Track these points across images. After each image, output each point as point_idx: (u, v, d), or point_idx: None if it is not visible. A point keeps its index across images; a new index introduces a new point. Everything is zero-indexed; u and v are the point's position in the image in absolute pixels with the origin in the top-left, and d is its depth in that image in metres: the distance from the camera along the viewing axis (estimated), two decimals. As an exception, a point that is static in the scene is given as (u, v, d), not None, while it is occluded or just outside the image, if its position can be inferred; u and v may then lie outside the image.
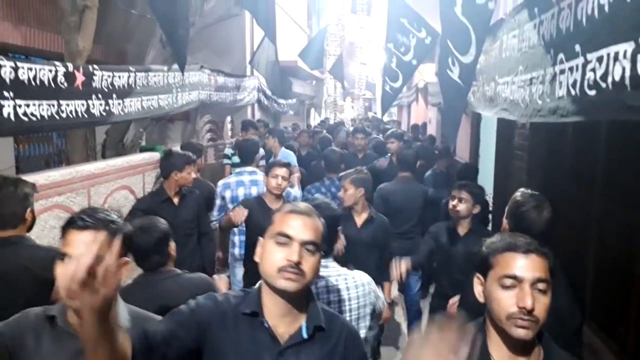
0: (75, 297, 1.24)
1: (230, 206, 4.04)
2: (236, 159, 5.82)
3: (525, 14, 2.37)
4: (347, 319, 2.01)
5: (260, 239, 1.46)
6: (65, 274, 1.38)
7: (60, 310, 1.53)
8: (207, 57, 7.37)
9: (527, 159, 4.29)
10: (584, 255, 3.32)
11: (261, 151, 5.09)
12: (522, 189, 2.35)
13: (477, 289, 1.44)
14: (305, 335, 1.39)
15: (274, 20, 6.56)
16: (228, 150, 6.21)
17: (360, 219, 3.43)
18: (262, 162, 5.24)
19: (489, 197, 5.23)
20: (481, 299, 1.42)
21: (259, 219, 3.34)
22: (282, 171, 3.48)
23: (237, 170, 4.33)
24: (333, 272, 2.17)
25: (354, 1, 24.70)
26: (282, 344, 1.37)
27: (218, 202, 4.11)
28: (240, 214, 3.33)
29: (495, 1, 2.68)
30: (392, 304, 4.04)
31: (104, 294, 1.09)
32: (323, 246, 1.46)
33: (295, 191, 4.27)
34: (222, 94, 7.04)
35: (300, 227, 1.40)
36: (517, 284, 1.31)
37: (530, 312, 1.27)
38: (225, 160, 6.10)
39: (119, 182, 4.33)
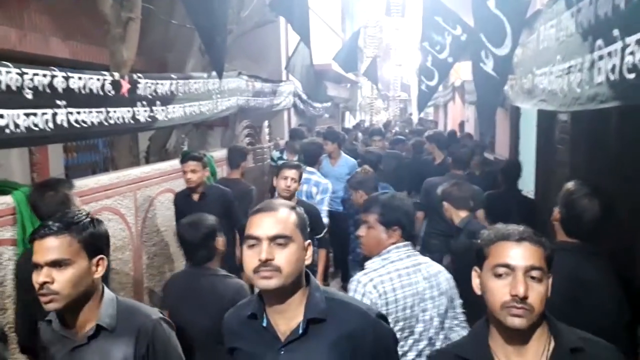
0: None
1: None
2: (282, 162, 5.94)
3: (562, 3, 2.35)
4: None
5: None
6: (36, 281, 1.48)
7: (54, 314, 1.61)
8: (244, 64, 7.52)
9: (570, 153, 4.20)
10: (632, 250, 3.23)
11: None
12: (574, 181, 2.31)
13: (475, 282, 1.42)
14: (300, 331, 1.38)
15: (308, 24, 6.65)
16: (275, 154, 6.33)
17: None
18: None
19: (531, 194, 5.14)
20: (478, 292, 1.40)
21: None
22: (291, 173, 3.52)
23: (309, 169, 4.46)
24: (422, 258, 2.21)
25: (388, 3, 24.59)
26: (282, 341, 1.39)
27: None
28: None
29: (531, -8, 2.67)
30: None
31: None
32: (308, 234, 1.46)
33: (319, 199, 4.32)
34: (259, 99, 7.18)
35: (263, 224, 1.38)
36: (510, 272, 1.30)
37: (523, 299, 1.25)
38: (272, 163, 6.24)
39: (163, 185, 4.50)
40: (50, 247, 1.51)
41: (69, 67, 5.81)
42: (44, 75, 2.98)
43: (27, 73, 2.84)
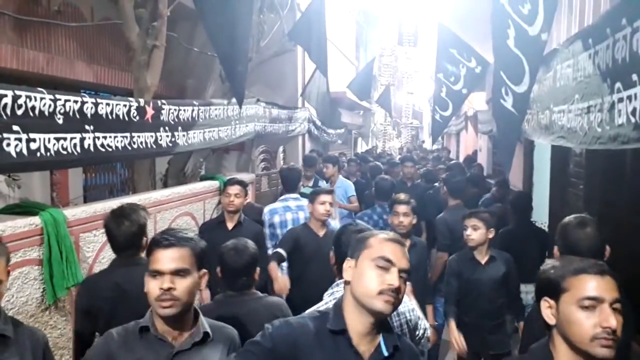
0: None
1: (279, 231, 4.19)
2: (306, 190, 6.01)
3: (579, 44, 2.42)
4: None
5: (349, 259, 1.55)
6: (159, 287, 1.57)
7: (149, 320, 1.69)
8: (261, 91, 7.68)
9: (584, 186, 4.23)
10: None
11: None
12: (572, 215, 2.33)
13: (546, 312, 1.46)
14: (385, 353, 1.47)
15: (325, 54, 6.81)
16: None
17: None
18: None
19: (545, 226, 5.15)
20: (551, 322, 1.44)
21: (306, 246, 3.48)
22: (328, 197, 3.61)
23: (282, 197, 4.50)
24: None
25: (400, 33, 25.02)
26: (366, 359, 1.46)
27: (267, 231, 4.27)
28: (284, 287, 3.29)
29: (549, 33, 2.74)
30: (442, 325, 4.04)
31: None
32: None
33: (335, 223, 4.34)
34: (275, 125, 7.30)
35: (399, 254, 1.53)
36: (597, 304, 1.34)
37: (614, 331, 1.31)
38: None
39: (182, 208, 4.57)
40: (174, 257, 1.66)
41: (92, 90, 6.00)
42: (75, 102, 3.09)
43: (59, 99, 2.95)
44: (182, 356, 1.66)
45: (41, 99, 2.82)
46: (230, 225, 3.89)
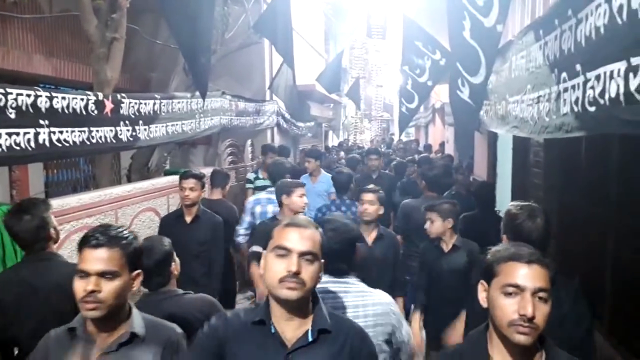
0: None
1: (258, 221, 4.18)
2: (258, 183, 5.98)
3: (531, 35, 2.47)
4: None
5: (263, 252, 1.56)
6: (83, 289, 1.53)
7: (80, 322, 1.66)
8: (228, 84, 7.60)
9: (543, 175, 4.34)
10: (601, 269, 3.34)
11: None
12: (513, 202, 2.31)
13: (481, 295, 1.51)
14: (310, 338, 1.49)
15: (291, 46, 6.77)
16: (250, 175, 6.37)
17: (370, 236, 3.47)
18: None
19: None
20: (484, 304, 1.49)
21: None
22: (304, 190, 3.62)
23: (270, 189, 4.48)
24: (353, 288, 2.20)
25: (369, 26, 25.06)
26: (289, 347, 1.47)
27: (247, 218, 4.29)
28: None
29: (504, 24, 2.79)
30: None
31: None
32: (323, 261, 1.55)
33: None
34: (242, 118, 7.24)
35: (297, 239, 1.50)
36: (519, 292, 1.38)
37: (530, 319, 1.34)
38: (248, 185, 6.26)
39: (145, 204, 4.50)
40: (102, 257, 1.60)
41: (52, 84, 5.85)
42: (28, 95, 3.00)
43: (11, 93, 2.86)
44: (107, 358, 1.62)
45: (-10, 92, 2.73)
46: (188, 218, 3.85)
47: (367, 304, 2.14)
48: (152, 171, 5.96)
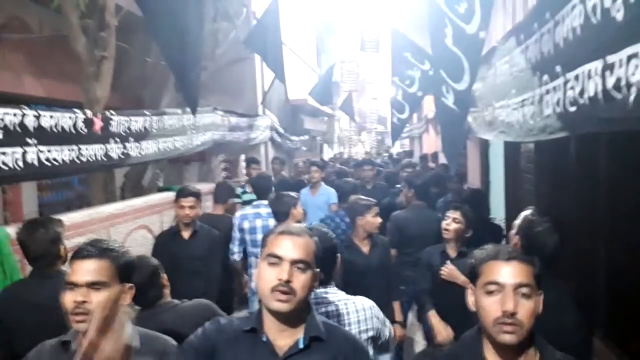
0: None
1: (247, 236, 4.17)
2: (246, 197, 5.96)
3: (513, 41, 2.49)
4: None
5: (257, 260, 1.55)
6: (72, 300, 1.51)
7: (73, 335, 1.64)
8: (220, 99, 7.63)
9: (535, 181, 4.35)
10: (595, 274, 3.33)
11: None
12: (531, 208, 2.40)
13: (470, 299, 1.50)
14: (301, 345, 1.46)
15: (282, 61, 6.83)
16: (238, 190, 6.35)
17: (365, 246, 3.48)
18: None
19: (502, 222, 5.25)
20: (473, 308, 1.49)
21: None
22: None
23: (255, 203, 4.46)
24: (333, 297, 2.19)
25: (362, 39, 25.29)
26: (280, 355, 1.45)
27: (237, 235, 4.24)
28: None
29: (486, 31, 2.82)
30: (404, 323, 4.04)
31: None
32: (318, 270, 1.53)
33: None
34: (235, 133, 7.25)
35: (290, 246, 1.48)
36: (501, 289, 1.38)
37: (512, 315, 1.33)
38: (236, 200, 6.24)
39: (138, 221, 4.47)
40: (91, 268, 1.60)
41: (43, 104, 5.85)
42: (15, 115, 2.99)
43: (-4, 113, 2.86)
44: None
45: (-23, 113, 2.73)
46: (186, 234, 3.83)
47: (349, 312, 2.13)
48: (145, 189, 5.94)
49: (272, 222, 4.11)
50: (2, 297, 2.42)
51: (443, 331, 3.22)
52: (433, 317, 3.31)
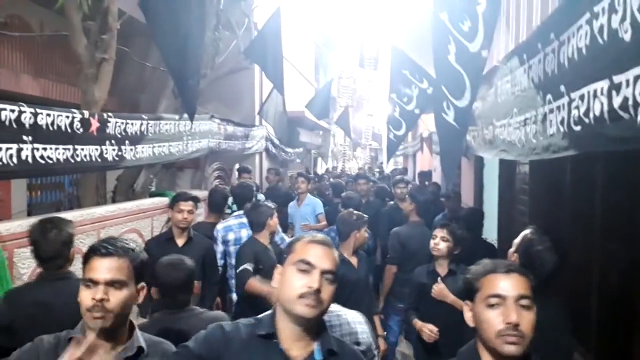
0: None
1: (232, 248, 4.10)
2: (234, 207, 5.91)
3: (515, 60, 2.51)
4: None
5: (279, 266, 1.52)
6: (91, 297, 1.49)
7: (80, 332, 1.60)
8: (217, 108, 7.63)
9: (529, 202, 4.35)
10: (587, 296, 3.32)
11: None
12: (532, 227, 2.39)
13: (467, 315, 1.49)
14: (317, 358, 1.43)
15: (281, 73, 6.84)
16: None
17: (354, 259, 3.47)
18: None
19: (494, 242, 5.25)
20: (471, 324, 1.48)
21: (262, 259, 3.43)
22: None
23: (236, 213, 4.42)
24: (333, 308, 2.19)
25: (361, 56, 25.50)
26: None
27: (220, 248, 4.16)
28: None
29: (489, 50, 2.84)
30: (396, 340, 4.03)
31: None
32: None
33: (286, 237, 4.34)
34: (231, 142, 7.24)
35: (321, 255, 1.46)
36: (502, 301, 1.38)
37: (516, 326, 1.33)
38: (227, 211, 6.19)
39: (129, 225, 4.42)
40: (111, 266, 1.58)
41: (40, 104, 5.81)
42: (12, 110, 2.96)
43: (-6, 108, 2.83)
44: None
45: (-27, 106, 2.70)
46: (180, 241, 3.74)
47: (342, 324, 2.11)
48: (137, 193, 5.88)
49: None
50: (14, 298, 2.36)
51: (426, 330, 3.20)
52: (417, 322, 3.29)
